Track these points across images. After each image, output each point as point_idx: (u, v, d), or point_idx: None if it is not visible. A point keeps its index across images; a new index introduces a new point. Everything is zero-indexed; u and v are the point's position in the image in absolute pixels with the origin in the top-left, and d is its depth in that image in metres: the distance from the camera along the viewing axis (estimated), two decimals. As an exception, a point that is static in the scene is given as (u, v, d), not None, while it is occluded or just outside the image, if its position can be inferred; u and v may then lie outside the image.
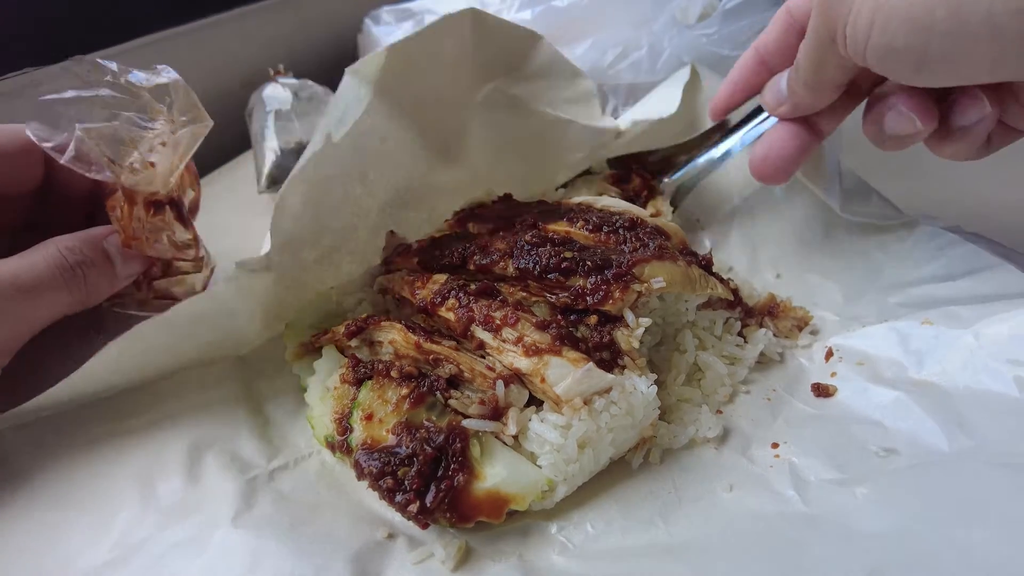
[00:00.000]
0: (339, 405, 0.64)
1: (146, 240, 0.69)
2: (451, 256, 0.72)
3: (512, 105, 0.91)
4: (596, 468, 0.65)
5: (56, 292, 0.66)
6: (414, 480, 0.57)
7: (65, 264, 0.67)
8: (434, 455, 0.58)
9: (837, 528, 0.58)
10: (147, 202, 0.69)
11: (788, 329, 0.81)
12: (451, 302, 0.68)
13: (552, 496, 0.62)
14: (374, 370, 0.64)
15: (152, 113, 0.67)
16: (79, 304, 0.69)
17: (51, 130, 0.65)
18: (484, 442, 0.61)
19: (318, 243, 0.81)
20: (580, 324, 0.67)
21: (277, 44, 1.34)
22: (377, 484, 0.57)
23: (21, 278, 0.63)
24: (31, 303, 0.64)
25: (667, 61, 1.00)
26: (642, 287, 0.67)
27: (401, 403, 0.62)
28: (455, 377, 0.64)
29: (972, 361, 0.66)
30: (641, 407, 0.64)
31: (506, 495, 0.59)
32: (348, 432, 0.62)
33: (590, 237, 0.73)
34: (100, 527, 0.60)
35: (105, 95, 0.66)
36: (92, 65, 0.66)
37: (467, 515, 0.58)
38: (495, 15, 0.83)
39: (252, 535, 0.60)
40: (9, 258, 0.65)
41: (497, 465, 0.60)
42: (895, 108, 0.64)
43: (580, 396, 0.62)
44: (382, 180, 0.84)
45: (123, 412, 0.71)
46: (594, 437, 0.63)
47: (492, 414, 0.62)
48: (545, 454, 0.61)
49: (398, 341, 0.66)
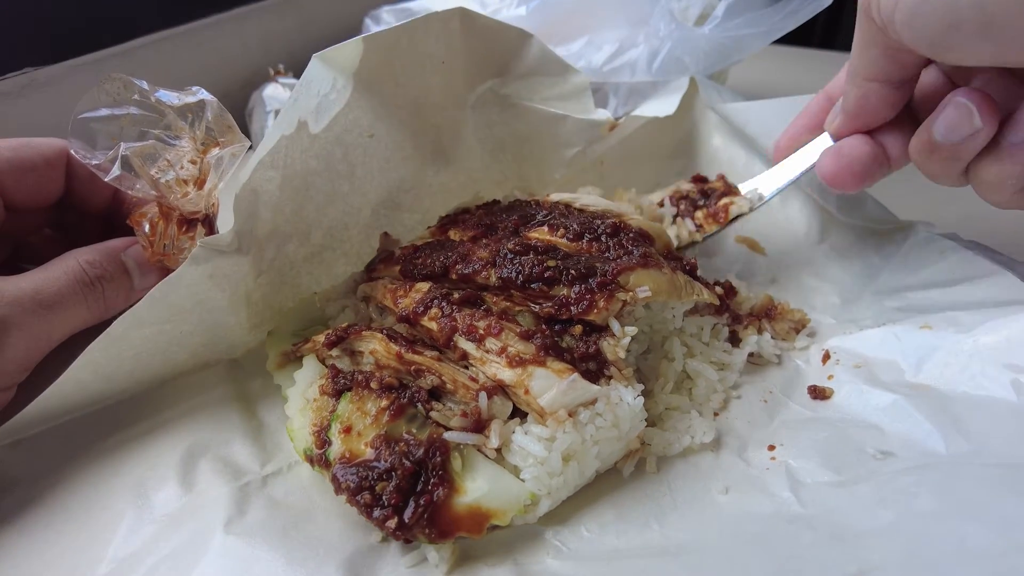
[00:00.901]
0: (318, 417, 0.64)
1: (173, 256, 0.70)
2: (433, 265, 0.71)
3: (505, 104, 0.90)
4: (581, 481, 0.64)
5: (76, 307, 0.66)
6: (392, 495, 0.56)
7: (85, 279, 0.67)
8: (413, 469, 0.57)
9: (833, 529, 0.57)
10: (181, 219, 0.70)
11: (785, 332, 0.80)
12: (434, 311, 0.67)
13: (535, 511, 0.62)
14: (354, 381, 0.64)
15: (176, 131, 0.68)
16: (96, 318, 0.69)
17: (90, 148, 0.66)
18: (466, 455, 0.61)
19: (307, 240, 0.80)
20: (565, 334, 0.66)
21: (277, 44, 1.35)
22: (354, 499, 0.57)
23: (43, 293, 0.64)
24: (52, 318, 0.64)
25: (664, 60, 0.98)
26: (627, 296, 0.66)
27: (381, 415, 0.61)
28: (437, 388, 0.63)
29: (970, 365, 0.66)
30: (627, 418, 0.64)
31: (487, 510, 0.58)
32: (327, 445, 0.61)
33: (571, 246, 0.72)
34: (96, 543, 0.61)
35: (135, 113, 0.67)
36: (123, 83, 0.67)
37: (447, 531, 0.57)
38: (484, 15, 0.82)
39: (244, 542, 0.60)
40: (30, 272, 0.66)
41: (479, 479, 0.59)
42: (952, 102, 0.61)
43: (565, 408, 0.61)
44: (372, 179, 0.84)
45: (118, 423, 0.72)
46: (579, 450, 0.62)
47: (474, 426, 0.61)
48: (528, 467, 0.60)
49: (379, 351, 0.65)
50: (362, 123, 0.79)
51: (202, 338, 0.75)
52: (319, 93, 0.73)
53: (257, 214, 0.73)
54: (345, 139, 0.78)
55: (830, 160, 0.73)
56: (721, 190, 0.93)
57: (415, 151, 0.87)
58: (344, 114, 0.76)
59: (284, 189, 0.75)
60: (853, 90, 0.69)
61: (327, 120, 0.75)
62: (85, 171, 0.74)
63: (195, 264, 0.68)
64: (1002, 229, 0.83)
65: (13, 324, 0.61)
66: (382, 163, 0.84)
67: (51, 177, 0.73)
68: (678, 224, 0.92)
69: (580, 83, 0.89)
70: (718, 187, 0.93)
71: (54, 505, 0.64)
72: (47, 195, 0.74)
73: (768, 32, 0.96)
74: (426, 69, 0.82)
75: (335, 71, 0.74)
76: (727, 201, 0.89)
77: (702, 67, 1.00)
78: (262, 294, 0.78)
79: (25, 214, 0.74)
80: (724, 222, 0.89)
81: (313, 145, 0.75)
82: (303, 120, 0.73)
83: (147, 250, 0.70)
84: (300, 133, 0.73)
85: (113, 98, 0.66)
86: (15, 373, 0.65)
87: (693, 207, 0.93)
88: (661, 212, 0.93)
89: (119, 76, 0.67)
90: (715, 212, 0.90)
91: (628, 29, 1.00)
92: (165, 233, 0.70)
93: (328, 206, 0.81)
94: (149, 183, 0.67)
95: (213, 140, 0.69)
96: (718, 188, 0.93)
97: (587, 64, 1.03)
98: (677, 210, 0.93)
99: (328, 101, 0.74)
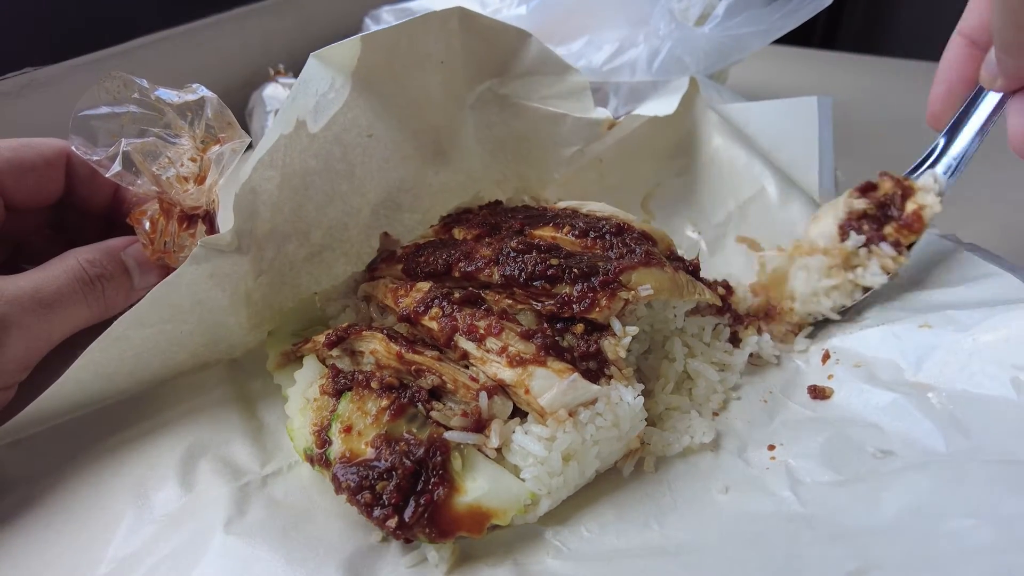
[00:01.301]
0: (318, 417, 0.63)
1: (174, 253, 0.71)
2: (435, 263, 0.71)
3: (504, 103, 0.90)
4: (581, 481, 0.64)
5: (76, 306, 0.66)
6: (392, 495, 0.56)
7: (85, 277, 0.67)
8: (413, 469, 0.57)
9: (833, 527, 0.58)
10: (182, 216, 0.70)
11: (783, 333, 0.80)
12: (435, 311, 0.67)
13: (535, 510, 0.61)
14: (354, 381, 0.63)
15: (176, 129, 0.68)
16: (96, 317, 0.69)
17: (91, 145, 0.66)
18: (466, 455, 0.61)
19: (307, 239, 0.80)
20: (566, 333, 0.66)
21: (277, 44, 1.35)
22: (355, 499, 0.56)
23: (43, 292, 0.64)
24: (52, 317, 0.64)
25: (665, 60, 0.98)
26: (629, 295, 0.66)
27: (381, 415, 0.61)
28: (437, 388, 0.63)
29: (969, 364, 0.67)
30: (627, 418, 0.64)
31: (487, 510, 0.58)
32: (327, 445, 0.61)
33: (576, 243, 0.72)
34: (95, 543, 0.61)
35: (135, 111, 0.67)
36: (123, 81, 0.67)
37: (447, 530, 0.57)
38: (483, 14, 0.82)
39: (244, 542, 0.60)
40: (30, 271, 0.66)
41: (479, 479, 0.59)
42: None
43: (565, 407, 0.61)
44: (371, 178, 0.84)
45: (118, 423, 0.72)
46: (579, 449, 0.62)
47: (475, 426, 0.61)
48: (528, 467, 0.60)
49: (379, 351, 0.65)
50: (361, 122, 0.79)
51: (202, 338, 0.75)
52: (317, 92, 0.73)
53: (257, 213, 0.73)
54: (344, 138, 0.78)
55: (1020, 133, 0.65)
56: (896, 191, 0.80)
57: (414, 151, 0.87)
58: (343, 113, 0.76)
59: (283, 188, 0.74)
60: (1009, 58, 0.63)
61: (325, 119, 0.75)
62: (85, 171, 0.74)
63: (195, 264, 0.68)
64: (1001, 233, 0.83)
65: (13, 323, 0.61)
66: (381, 163, 0.84)
67: (51, 177, 0.73)
68: (874, 253, 0.79)
69: (579, 82, 0.89)
70: (889, 188, 0.81)
71: (54, 505, 0.64)
72: (47, 195, 0.74)
73: (768, 31, 0.96)
74: (425, 69, 0.82)
75: (333, 70, 0.74)
76: (916, 205, 0.78)
77: (702, 67, 1.00)
78: (262, 294, 0.78)
79: (25, 214, 0.74)
80: (920, 230, 0.77)
81: (312, 144, 0.75)
82: (301, 119, 0.73)
83: (147, 248, 0.70)
84: (299, 132, 0.73)
85: (113, 96, 0.67)
86: (15, 372, 0.65)
87: (879, 224, 0.80)
88: (851, 245, 0.79)
89: (119, 74, 0.67)
90: (908, 222, 0.78)
91: (628, 29, 1.00)
92: (166, 230, 0.70)
93: (328, 206, 0.81)
94: (150, 179, 0.67)
95: (213, 137, 0.69)
96: (890, 190, 0.81)
97: (587, 64, 1.03)
98: (865, 237, 0.79)
99: (326, 100, 0.74)
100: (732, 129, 0.97)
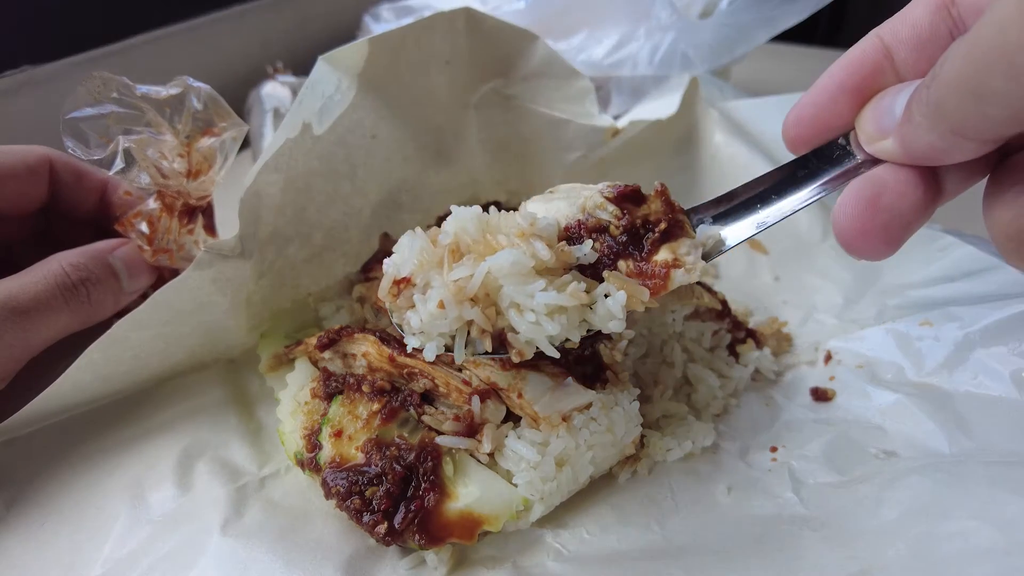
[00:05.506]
0: (309, 421, 0.63)
1: (175, 252, 0.70)
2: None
3: (508, 105, 0.90)
4: (575, 487, 0.63)
5: (56, 312, 0.65)
6: (382, 500, 0.56)
7: (67, 282, 0.66)
8: (404, 474, 0.57)
9: (835, 528, 0.58)
10: (184, 210, 0.69)
11: (776, 346, 0.80)
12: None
13: (527, 516, 0.61)
14: (345, 384, 0.63)
15: (157, 127, 0.68)
16: (82, 323, 0.68)
17: (84, 146, 0.66)
18: (458, 460, 0.60)
19: (308, 241, 0.80)
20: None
21: (276, 42, 1.34)
22: (344, 504, 0.56)
23: (17, 299, 0.62)
24: (28, 324, 0.63)
25: (666, 53, 0.97)
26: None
27: (372, 419, 0.60)
28: (430, 392, 0.63)
29: (971, 362, 0.66)
30: (623, 423, 0.63)
31: (479, 516, 0.57)
32: (317, 449, 0.61)
33: None
34: (91, 543, 0.61)
35: (117, 111, 0.67)
36: (102, 80, 0.67)
37: (437, 537, 0.56)
38: (491, 15, 0.81)
39: (241, 544, 0.60)
40: (6, 278, 0.64)
41: (470, 484, 0.59)
42: None
43: (558, 412, 0.60)
44: (373, 179, 0.84)
45: (115, 422, 0.72)
46: (573, 455, 0.61)
47: (467, 431, 0.60)
48: (521, 472, 0.59)
49: (371, 354, 0.64)
50: (365, 124, 0.79)
51: (200, 339, 0.75)
52: (324, 95, 0.73)
53: (260, 217, 0.73)
54: (348, 140, 0.78)
55: (857, 209, 0.46)
56: (661, 221, 0.56)
57: (417, 151, 0.87)
58: (348, 115, 0.76)
59: (286, 191, 0.74)
60: (938, 133, 0.41)
61: (331, 121, 0.75)
62: (70, 177, 0.73)
63: (199, 269, 0.68)
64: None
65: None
66: (383, 163, 0.84)
67: (33, 183, 0.72)
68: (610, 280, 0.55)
69: (584, 87, 0.88)
70: (656, 212, 0.57)
71: (49, 505, 0.64)
72: (30, 202, 0.73)
73: (774, 20, 0.95)
74: (431, 69, 0.82)
75: (340, 72, 0.74)
76: (672, 256, 0.55)
77: (706, 61, 0.98)
78: (262, 296, 0.78)
79: (9, 221, 0.73)
80: (658, 294, 0.54)
81: (316, 146, 0.75)
82: (307, 122, 0.72)
83: (146, 250, 0.70)
84: (304, 135, 0.73)
85: (94, 96, 0.66)
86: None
87: (614, 253, 0.56)
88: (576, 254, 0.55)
89: (99, 74, 0.66)
90: (650, 273, 0.54)
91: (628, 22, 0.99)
92: (169, 228, 0.69)
93: (329, 207, 0.81)
94: (155, 172, 0.66)
95: (199, 130, 0.68)
96: (655, 215, 0.57)
97: (587, 58, 1.02)
98: (597, 255, 0.56)
99: (332, 102, 0.74)
100: (734, 126, 0.96)
